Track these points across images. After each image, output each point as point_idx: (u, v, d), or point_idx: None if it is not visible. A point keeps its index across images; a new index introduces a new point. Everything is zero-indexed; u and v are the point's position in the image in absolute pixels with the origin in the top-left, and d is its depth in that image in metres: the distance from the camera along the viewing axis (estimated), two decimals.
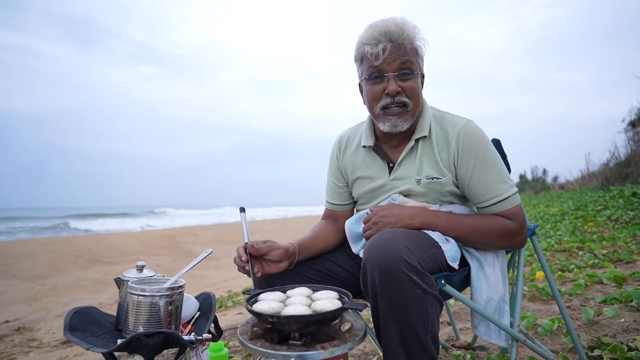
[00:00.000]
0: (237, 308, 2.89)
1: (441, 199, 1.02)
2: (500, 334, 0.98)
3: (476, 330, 0.99)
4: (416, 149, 1.02)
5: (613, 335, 1.51)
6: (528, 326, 1.66)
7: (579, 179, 11.12)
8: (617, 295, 1.85)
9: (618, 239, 3.34)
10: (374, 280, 0.78)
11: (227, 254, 6.41)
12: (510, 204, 0.97)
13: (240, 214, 1.06)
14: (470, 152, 0.97)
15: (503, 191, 0.96)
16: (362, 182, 1.12)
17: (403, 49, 0.95)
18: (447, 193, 1.01)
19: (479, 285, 0.95)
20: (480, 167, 0.96)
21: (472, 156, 0.96)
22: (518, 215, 0.97)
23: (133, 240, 9.40)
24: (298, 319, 0.67)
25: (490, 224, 0.96)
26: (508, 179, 0.99)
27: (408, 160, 1.03)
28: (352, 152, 1.14)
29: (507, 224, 0.96)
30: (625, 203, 4.98)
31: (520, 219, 0.97)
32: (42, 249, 7.67)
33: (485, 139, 0.99)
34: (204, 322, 1.01)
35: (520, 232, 0.98)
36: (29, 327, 2.89)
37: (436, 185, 1.00)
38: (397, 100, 0.97)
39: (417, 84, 0.99)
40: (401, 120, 0.98)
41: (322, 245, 1.11)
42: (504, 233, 0.96)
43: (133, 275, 1.00)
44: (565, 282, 2.39)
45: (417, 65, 0.99)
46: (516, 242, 1.00)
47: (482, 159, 0.96)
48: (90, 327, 0.95)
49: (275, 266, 0.97)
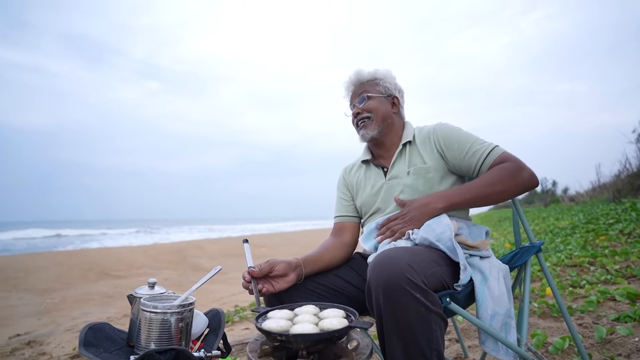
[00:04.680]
0: (244, 323, 2.88)
1: (429, 185, 1.14)
2: (509, 350, 0.97)
3: (484, 347, 0.98)
4: (404, 151, 1.23)
5: (627, 355, 1.48)
6: (538, 344, 1.63)
7: (590, 190, 10.93)
8: (631, 313, 1.81)
9: (631, 253, 3.27)
10: (378, 298, 0.79)
11: (234, 268, 6.42)
12: (497, 153, 1.09)
13: (244, 245, 1.14)
14: (449, 137, 1.16)
15: (485, 147, 1.10)
16: (364, 190, 1.28)
17: (360, 86, 1.29)
18: (434, 179, 1.15)
19: (483, 299, 0.96)
20: (463, 142, 1.13)
21: (453, 138, 1.15)
22: (510, 157, 1.07)
23: (141, 254, 9.47)
24: (306, 337, 0.69)
25: (493, 173, 1.05)
26: (485, 140, 1.13)
27: (399, 161, 1.22)
28: (355, 171, 1.36)
29: (506, 165, 1.05)
30: (638, 216, 4.87)
31: (514, 158, 1.07)
32: (51, 262, 7.77)
33: (455, 126, 1.19)
34: (213, 339, 1.03)
35: (522, 168, 1.05)
36: (39, 340, 2.92)
37: (421, 171, 1.16)
38: (359, 117, 1.26)
39: (374, 103, 1.25)
40: (367, 130, 1.24)
41: (328, 260, 1.15)
42: (509, 173, 1.03)
43: (145, 292, 1.03)
44: (577, 299, 2.35)
45: (378, 91, 1.27)
46: (525, 178, 1.04)
47: (460, 136, 1.15)
48: (103, 342, 0.97)
49: (283, 281, 1.02)
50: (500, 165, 1.06)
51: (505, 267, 1.05)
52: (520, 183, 1.04)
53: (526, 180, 1.04)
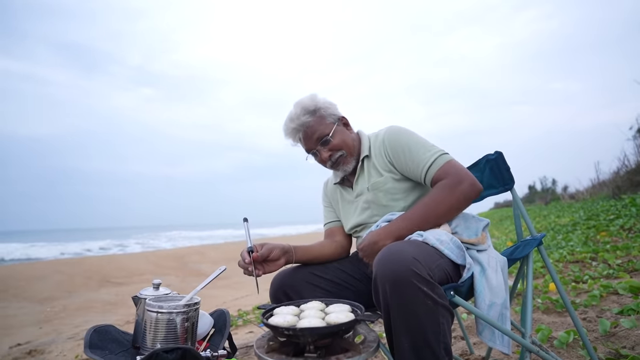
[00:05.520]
0: (248, 327, 2.87)
1: (390, 197, 1.14)
2: (504, 339, 0.97)
3: (481, 336, 0.98)
4: (363, 166, 1.22)
5: (631, 347, 1.48)
6: (543, 339, 1.63)
7: (590, 188, 10.95)
8: (634, 306, 1.81)
9: (632, 248, 3.27)
10: (385, 293, 0.79)
11: (237, 273, 6.37)
12: (438, 165, 1.06)
13: (244, 223, 1.14)
14: (395, 146, 1.14)
15: (428, 157, 1.07)
16: (342, 210, 1.31)
17: (310, 129, 1.19)
18: (392, 190, 1.14)
19: (481, 290, 0.96)
20: (407, 151, 1.11)
21: (398, 148, 1.13)
22: (448, 170, 1.04)
23: (142, 261, 9.43)
24: (313, 331, 0.69)
25: (434, 193, 1.03)
26: (431, 148, 1.09)
27: (360, 177, 1.23)
28: (331, 192, 1.37)
29: (444, 183, 1.03)
30: (638, 211, 4.89)
31: (452, 172, 1.04)
32: (52, 270, 7.74)
33: (403, 130, 1.16)
34: (219, 339, 1.03)
35: (461, 181, 1.02)
36: (40, 349, 2.90)
37: (378, 184, 1.15)
38: (333, 160, 1.21)
39: (338, 138, 1.20)
40: (345, 166, 1.21)
41: (317, 252, 1.21)
42: (448, 191, 1.01)
43: (150, 293, 1.03)
44: (580, 294, 2.35)
45: (329, 124, 1.20)
46: (465, 191, 1.01)
47: (405, 145, 1.12)
48: (109, 345, 0.97)
49: (274, 265, 1.09)
50: (438, 184, 1.04)
51: (503, 259, 1.05)
52: (462, 197, 1.02)
53: (466, 191, 1.02)
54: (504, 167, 1.24)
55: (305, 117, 1.18)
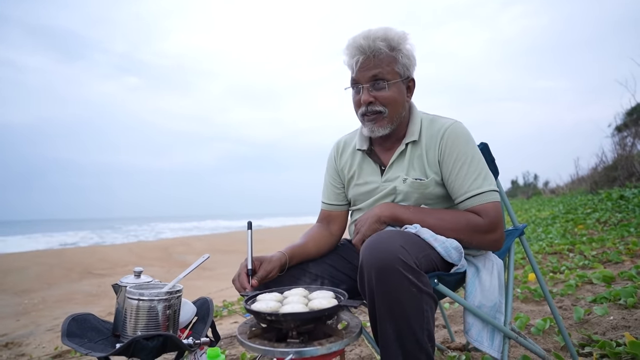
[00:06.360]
0: (233, 317, 2.87)
1: (425, 201, 1.05)
2: (493, 343, 0.96)
3: (467, 336, 0.95)
4: (406, 152, 1.08)
5: (603, 332, 1.54)
6: (521, 326, 1.69)
7: (569, 183, 11.32)
8: (607, 295, 1.89)
9: (607, 240, 3.42)
10: (370, 279, 0.79)
11: (221, 264, 6.35)
12: (482, 200, 0.97)
13: (247, 231, 1.02)
14: (452, 150, 1.02)
15: (477, 186, 0.98)
16: (356, 185, 1.16)
17: (375, 61, 1.01)
18: (430, 195, 1.04)
19: (472, 290, 0.95)
20: (460, 164, 1.00)
21: (454, 154, 1.01)
22: (489, 212, 0.95)
23: (125, 252, 9.26)
24: (296, 316, 0.69)
25: (457, 218, 0.96)
26: (487, 179, 1.00)
27: (398, 162, 1.08)
28: (348, 156, 1.20)
29: (475, 219, 0.95)
30: (613, 206, 5.09)
31: (492, 217, 0.95)
32: (32, 262, 7.51)
33: (469, 138, 1.04)
34: (202, 327, 1.02)
35: (490, 231, 0.95)
36: (17, 342, 2.81)
37: (419, 186, 1.04)
38: (370, 109, 1.04)
39: (393, 92, 1.03)
40: (377, 126, 1.05)
41: (314, 251, 1.13)
42: (471, 228, 0.94)
43: (131, 280, 1.00)
44: (557, 283, 2.44)
45: (397, 73, 1.03)
46: (486, 240, 0.96)
47: (463, 157, 1.00)
48: (88, 333, 0.95)
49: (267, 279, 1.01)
50: (470, 215, 0.96)
51: (500, 262, 1.04)
52: (478, 242, 0.96)
53: (486, 243, 0.97)
54: (489, 158, 1.26)
55: (381, 44, 1.00)
